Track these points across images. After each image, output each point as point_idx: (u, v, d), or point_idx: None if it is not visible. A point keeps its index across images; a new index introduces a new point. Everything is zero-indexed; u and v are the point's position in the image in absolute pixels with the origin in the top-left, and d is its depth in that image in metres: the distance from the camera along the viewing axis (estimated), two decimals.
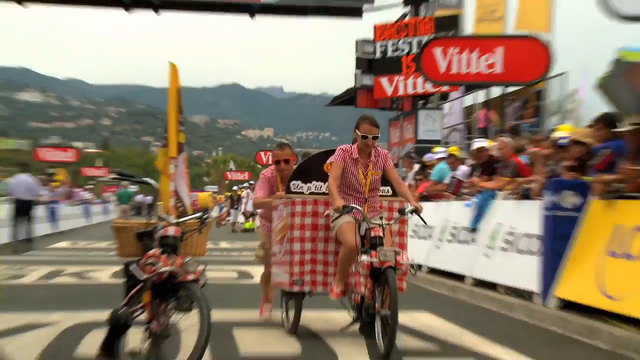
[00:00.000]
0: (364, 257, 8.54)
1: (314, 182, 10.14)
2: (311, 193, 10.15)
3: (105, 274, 17.94)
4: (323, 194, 10.03)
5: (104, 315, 7.94)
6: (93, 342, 8.84)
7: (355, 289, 9.00)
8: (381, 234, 8.72)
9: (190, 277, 7.64)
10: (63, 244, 32.21)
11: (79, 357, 8.98)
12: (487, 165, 17.24)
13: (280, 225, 10.20)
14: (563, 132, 14.87)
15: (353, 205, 8.89)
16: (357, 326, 9.58)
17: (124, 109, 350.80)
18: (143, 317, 7.69)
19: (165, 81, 10.11)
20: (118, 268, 8.71)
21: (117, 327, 7.77)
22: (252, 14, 28.13)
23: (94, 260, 22.83)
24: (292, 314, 10.34)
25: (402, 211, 9.39)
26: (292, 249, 9.76)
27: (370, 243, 8.66)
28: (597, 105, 15.18)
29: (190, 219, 8.47)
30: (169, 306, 7.71)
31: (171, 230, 7.91)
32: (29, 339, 10.07)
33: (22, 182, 29.18)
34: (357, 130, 9.32)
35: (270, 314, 11.64)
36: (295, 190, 10.11)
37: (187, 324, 7.64)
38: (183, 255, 7.86)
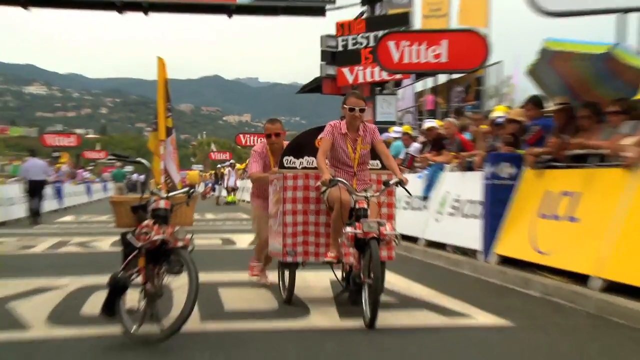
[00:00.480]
0: (348, 229, 7.84)
1: (306, 157, 9.20)
2: (304, 168, 9.21)
3: (106, 243, 17.88)
4: (314, 168, 8.97)
5: (105, 279, 7.95)
6: (96, 302, 8.83)
7: (345, 258, 8.09)
8: (365, 206, 7.94)
9: (180, 243, 7.67)
10: (68, 218, 32.10)
11: (84, 315, 8.99)
12: (436, 142, 17.34)
13: (275, 199, 9.41)
14: (499, 112, 15.00)
15: (339, 178, 8.11)
16: (347, 294, 8.94)
17: (119, 99, 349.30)
18: (139, 279, 7.70)
19: (155, 74, 10.13)
20: (116, 238, 8.75)
21: (117, 289, 7.80)
22: (229, 14, 28.11)
23: (95, 231, 22.78)
24: (287, 283, 9.51)
25: (386, 183, 8.46)
26: (284, 222, 8.92)
27: (355, 215, 7.94)
28: (528, 89, 15.33)
29: (179, 193, 8.49)
30: (161, 269, 7.72)
31: (162, 204, 7.94)
32: (39, 301, 10.05)
33: (36, 164, 29.42)
34: (344, 105, 8.45)
35: (267, 279, 11.13)
36: (288, 165, 9.23)
37: (178, 285, 7.67)
38: (173, 225, 7.89)
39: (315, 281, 11.16)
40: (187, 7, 27.62)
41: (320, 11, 28.41)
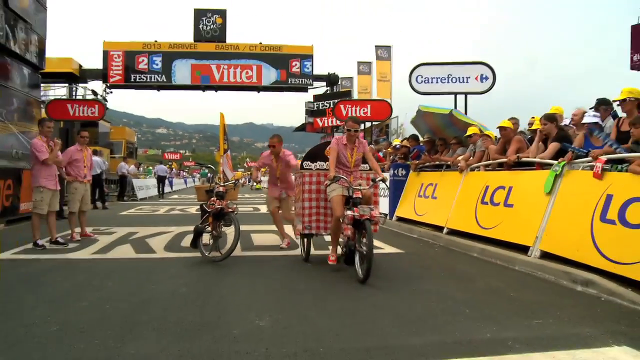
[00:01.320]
0: (349, 212, 6.50)
1: (318, 162, 7.86)
2: (317, 169, 7.83)
3: (193, 209, 17.76)
4: (324, 169, 7.77)
5: (192, 228, 7.94)
6: (188, 240, 8.83)
7: (344, 231, 6.63)
8: (360, 195, 6.62)
9: (230, 210, 7.67)
10: (175, 196, 31.95)
11: (182, 246, 8.95)
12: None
13: (297, 190, 7.94)
14: (397, 142, 15.09)
15: (341, 175, 6.83)
16: (343, 257, 7.12)
17: (202, 135, 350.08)
18: (209, 228, 7.71)
19: (218, 121, 10.08)
20: (197, 206, 8.70)
21: (198, 233, 7.79)
22: (258, 91, 27.89)
23: (188, 203, 22.59)
24: (305, 248, 7.92)
25: (373, 180, 7.10)
26: (303, 206, 7.55)
27: (353, 202, 6.58)
28: (411, 130, 15.35)
29: (229, 183, 8.45)
30: (221, 223, 7.74)
31: (221, 188, 7.94)
32: (160, 238, 9.98)
33: (161, 167, 32.02)
34: (345, 127, 7.20)
35: (288, 242, 9.20)
36: (306, 167, 7.86)
37: (229, 232, 7.65)
38: (227, 200, 7.87)
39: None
40: (237, 87, 27.53)
41: (305, 89, 28.24)
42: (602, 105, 7.98)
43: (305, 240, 7.88)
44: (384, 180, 6.97)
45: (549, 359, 3.60)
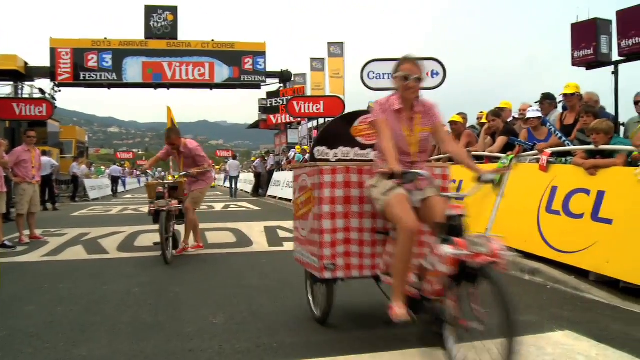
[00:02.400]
0: (447, 249, 2.98)
1: (341, 148, 4.42)
2: (338, 160, 4.38)
3: (146, 208, 17.46)
4: (351, 160, 4.37)
5: (146, 227, 7.82)
6: (142, 239, 8.70)
7: (427, 285, 3.33)
8: (462, 212, 3.12)
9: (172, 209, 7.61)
10: (129, 196, 31.48)
11: (135, 246, 8.85)
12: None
13: (304, 198, 4.24)
14: None
15: (417, 170, 3.32)
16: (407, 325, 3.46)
17: (155, 133, 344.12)
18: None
19: (173, 118, 9.92)
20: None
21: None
22: (211, 88, 27.57)
23: (142, 202, 22.25)
24: (321, 299, 4.30)
25: (479, 179, 3.53)
26: (321, 227, 3.86)
27: (450, 226, 3.09)
28: None
29: (179, 179, 8.33)
30: (172, 223, 7.65)
31: (161, 189, 7.88)
32: (113, 238, 9.80)
33: (114, 168, 34.12)
34: (396, 75, 3.67)
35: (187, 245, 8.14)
36: (319, 157, 4.43)
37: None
38: (177, 196, 7.80)
39: (254, 228, 11.03)
40: (189, 85, 27.20)
41: (258, 86, 28.05)
42: (547, 99, 8.24)
43: (326, 289, 4.20)
44: (493, 181, 3.76)
45: (495, 346, 3.70)
